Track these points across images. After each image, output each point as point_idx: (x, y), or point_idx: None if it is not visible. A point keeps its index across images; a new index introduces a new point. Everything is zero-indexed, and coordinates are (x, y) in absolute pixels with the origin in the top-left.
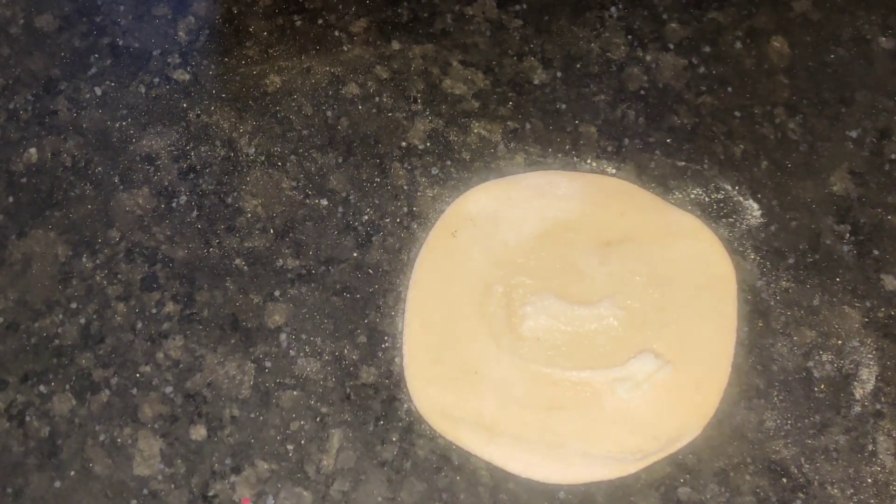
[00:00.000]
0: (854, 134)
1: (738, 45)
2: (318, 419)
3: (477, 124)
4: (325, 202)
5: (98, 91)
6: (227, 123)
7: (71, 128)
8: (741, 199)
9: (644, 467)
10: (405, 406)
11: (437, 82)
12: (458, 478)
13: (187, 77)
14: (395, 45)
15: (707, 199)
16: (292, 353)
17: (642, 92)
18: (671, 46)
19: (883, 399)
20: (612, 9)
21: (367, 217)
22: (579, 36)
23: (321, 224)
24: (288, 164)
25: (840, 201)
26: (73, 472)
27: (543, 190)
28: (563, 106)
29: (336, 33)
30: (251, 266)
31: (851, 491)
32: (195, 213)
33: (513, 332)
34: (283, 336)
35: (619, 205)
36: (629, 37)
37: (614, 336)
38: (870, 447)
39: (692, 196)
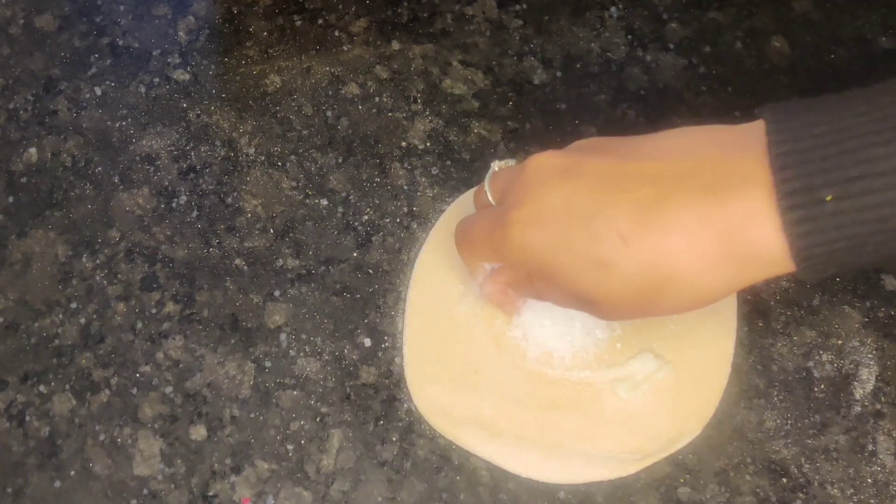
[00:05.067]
0: None
1: (738, 45)
2: (318, 419)
3: (477, 124)
4: (325, 202)
5: (98, 91)
6: (227, 123)
7: (71, 128)
8: None
9: (644, 467)
10: (405, 406)
11: (437, 82)
12: (458, 478)
13: (187, 77)
14: (395, 45)
15: None
16: (292, 353)
17: (642, 92)
18: (671, 46)
19: (883, 399)
20: (612, 9)
21: (367, 217)
22: (579, 36)
23: (321, 224)
24: (288, 164)
25: None
26: (73, 472)
27: None
28: (563, 106)
29: (336, 33)
30: (251, 266)
31: (851, 491)
32: (195, 213)
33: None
34: (283, 336)
35: None
36: (629, 37)
37: (614, 336)
38: (870, 447)
39: None
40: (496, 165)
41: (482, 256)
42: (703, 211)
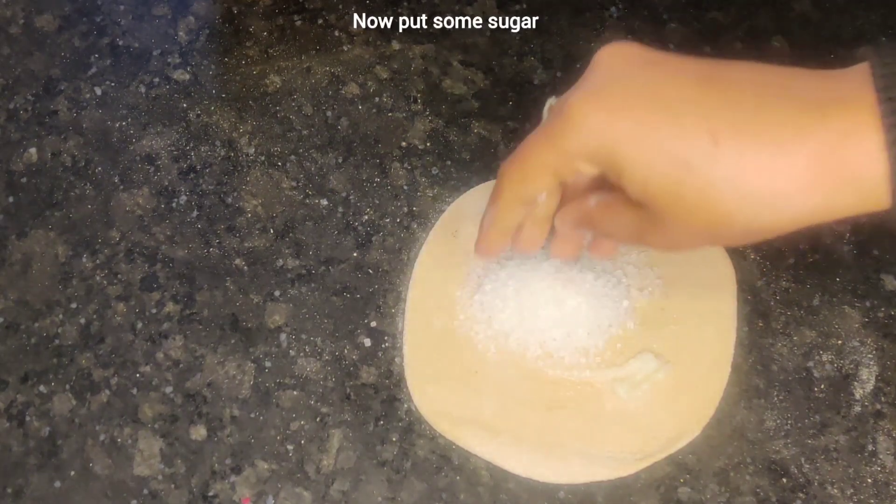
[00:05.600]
0: None
1: (738, 45)
2: (318, 419)
3: (477, 124)
4: (325, 202)
5: (98, 91)
6: (227, 123)
7: (71, 128)
8: None
9: (644, 467)
10: (405, 406)
11: (437, 82)
12: (458, 478)
13: (187, 77)
14: (395, 45)
15: None
16: (292, 353)
17: None
18: (671, 46)
19: (883, 399)
20: (612, 9)
21: (367, 217)
22: (579, 36)
23: (321, 224)
24: (288, 164)
25: None
26: (73, 472)
27: None
28: None
29: (336, 33)
30: (251, 266)
31: (851, 491)
32: (195, 213)
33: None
34: (283, 336)
35: None
36: (629, 37)
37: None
38: (870, 447)
39: None
40: (553, 100)
41: (537, 176)
42: (802, 125)
